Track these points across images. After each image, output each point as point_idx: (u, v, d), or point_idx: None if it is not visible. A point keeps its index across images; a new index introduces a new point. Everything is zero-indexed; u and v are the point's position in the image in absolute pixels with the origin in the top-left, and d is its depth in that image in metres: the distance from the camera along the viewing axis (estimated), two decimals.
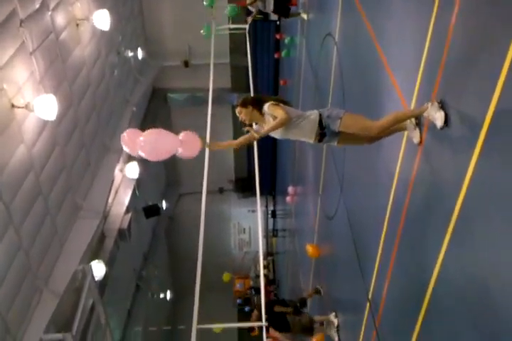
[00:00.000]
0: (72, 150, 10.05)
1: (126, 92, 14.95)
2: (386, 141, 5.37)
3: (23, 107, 7.58)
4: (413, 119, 4.50)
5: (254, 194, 10.64)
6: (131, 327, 15.75)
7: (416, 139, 4.54)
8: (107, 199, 11.72)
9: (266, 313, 8.17)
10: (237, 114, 4.63)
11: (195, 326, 6.47)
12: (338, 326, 8.35)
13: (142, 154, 4.24)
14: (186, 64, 19.57)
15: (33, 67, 8.25)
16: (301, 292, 12.73)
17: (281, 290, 21.41)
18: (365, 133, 4.40)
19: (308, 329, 9.12)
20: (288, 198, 16.95)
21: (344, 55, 8.38)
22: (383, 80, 5.76)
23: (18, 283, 7.69)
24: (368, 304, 6.39)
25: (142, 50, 16.94)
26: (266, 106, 4.42)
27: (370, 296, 6.33)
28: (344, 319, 8.37)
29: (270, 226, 24.38)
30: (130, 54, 15.35)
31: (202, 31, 14.47)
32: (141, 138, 4.24)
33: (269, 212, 24.10)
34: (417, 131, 4.50)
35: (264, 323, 6.81)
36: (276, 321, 8.78)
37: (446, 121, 3.86)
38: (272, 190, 24.38)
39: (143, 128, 13.93)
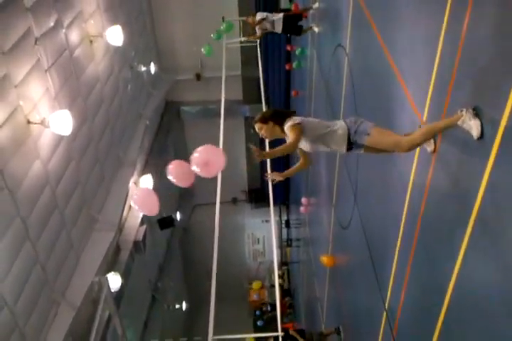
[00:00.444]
0: (86, 164, 10.20)
1: (140, 106, 15.15)
2: None
3: (38, 123, 7.75)
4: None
5: (268, 204, 10.69)
6: (147, 339, 15.79)
7: (430, 148, 4.48)
8: (122, 211, 11.85)
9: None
10: (258, 131, 4.49)
11: (211, 337, 6.51)
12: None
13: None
14: (198, 77, 19.77)
15: (48, 83, 8.44)
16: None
17: (297, 300, 21.34)
18: (393, 149, 4.25)
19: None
20: (302, 208, 16.97)
21: (355, 65, 8.45)
22: (395, 90, 5.81)
23: (35, 296, 7.80)
24: (384, 313, 6.38)
25: (155, 64, 17.17)
26: (286, 126, 4.30)
27: (386, 305, 6.33)
28: (361, 330, 8.34)
29: (284, 236, 24.34)
30: (143, 68, 15.57)
31: (202, 50, 14.67)
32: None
33: (283, 221, 24.08)
34: (431, 140, 4.38)
35: (280, 333, 6.82)
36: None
37: (482, 131, 3.55)
38: (285, 199, 24.40)
39: (155, 140, 13.93)
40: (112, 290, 10.35)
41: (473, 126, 3.56)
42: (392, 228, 5.91)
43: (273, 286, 22.86)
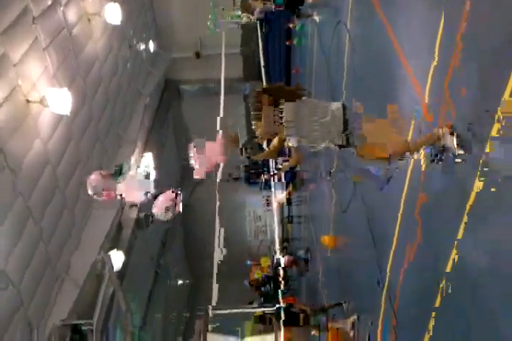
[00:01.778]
0: (87, 143, 10.22)
1: (139, 85, 15.08)
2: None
3: (37, 102, 7.74)
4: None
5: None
6: (151, 314, 16.04)
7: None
8: None
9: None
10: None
11: (211, 311, 6.64)
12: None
13: None
14: (198, 55, 19.58)
15: (47, 62, 8.40)
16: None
17: (297, 276, 21.53)
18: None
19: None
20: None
21: (357, 42, 8.37)
22: (396, 67, 5.78)
23: (39, 273, 7.92)
24: (384, 289, 6.47)
25: (154, 42, 17.01)
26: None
27: (386, 282, 6.43)
28: (362, 305, 8.45)
29: (285, 213, 24.40)
30: (142, 47, 15.45)
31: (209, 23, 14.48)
32: None
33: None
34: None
35: (282, 305, 6.93)
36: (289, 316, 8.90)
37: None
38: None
39: (155, 119, 13.88)
40: (115, 267, 10.47)
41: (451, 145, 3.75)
42: (393, 201, 5.94)
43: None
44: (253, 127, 4.54)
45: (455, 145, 3.75)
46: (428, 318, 4.76)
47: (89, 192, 4.93)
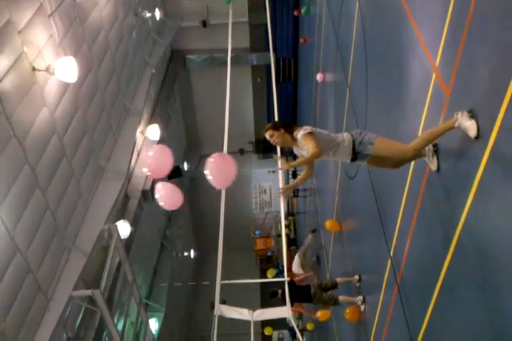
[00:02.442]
0: (93, 113, 10.14)
1: (145, 54, 14.87)
2: (412, 93, 5.34)
3: (44, 70, 7.64)
4: (431, 147, 4.59)
5: (275, 154, 10.66)
6: (157, 284, 16.24)
7: (434, 167, 4.66)
8: (130, 161, 11.89)
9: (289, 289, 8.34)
10: (269, 138, 4.69)
11: (218, 281, 6.67)
12: (364, 310, 8.39)
13: None
14: (204, 24, 19.27)
15: (52, 29, 8.25)
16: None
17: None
18: (400, 157, 4.45)
19: (331, 301, 9.26)
20: None
21: (366, 10, 8.19)
22: (408, 35, 5.65)
23: (46, 242, 7.96)
24: (389, 261, 6.49)
25: (159, 10, 16.71)
26: (299, 135, 4.50)
27: (391, 253, 6.43)
28: (366, 277, 8.51)
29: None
30: (148, 15, 15.16)
31: None
32: None
33: (290, 172, 24.13)
34: (435, 158, 4.61)
35: (286, 279, 6.97)
36: (299, 292, 8.94)
37: (479, 132, 3.75)
38: (292, 150, 24.34)
39: (162, 90, 13.74)
40: (122, 237, 10.55)
41: (470, 127, 3.79)
42: (400, 175, 5.91)
43: (279, 236, 23.29)
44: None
45: (475, 129, 3.77)
46: (432, 290, 4.77)
47: None
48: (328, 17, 12.37)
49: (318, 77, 13.53)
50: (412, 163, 5.42)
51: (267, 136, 4.68)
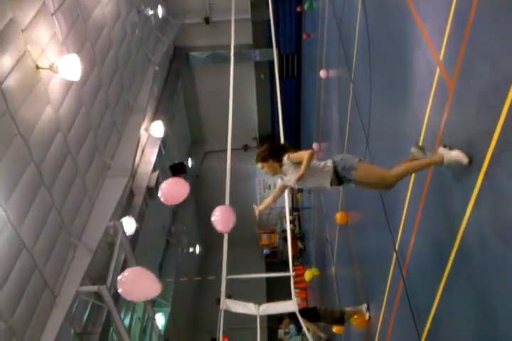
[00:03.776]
0: (97, 110, 10.18)
1: (148, 52, 14.90)
2: (416, 87, 5.34)
3: (47, 68, 7.68)
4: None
5: None
6: (163, 279, 16.31)
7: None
8: (134, 158, 11.94)
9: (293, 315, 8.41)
10: (260, 169, 4.82)
11: (224, 276, 6.70)
12: (369, 318, 8.41)
13: None
14: (207, 21, 19.27)
15: (55, 28, 8.29)
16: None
17: (307, 245, 21.76)
18: (381, 182, 4.50)
19: (339, 320, 9.25)
20: None
21: (370, 5, 8.17)
22: (412, 29, 5.64)
23: (52, 239, 8.02)
24: (394, 255, 6.50)
25: (162, 7, 16.72)
26: (285, 158, 4.58)
27: (397, 247, 6.44)
28: (371, 271, 8.53)
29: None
30: (150, 12, 15.18)
31: None
32: None
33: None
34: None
35: (291, 273, 6.99)
36: (306, 312, 8.96)
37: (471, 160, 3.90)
38: (296, 146, 24.35)
39: (165, 87, 13.72)
40: (127, 234, 10.60)
41: (459, 157, 3.95)
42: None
43: (284, 231, 23.32)
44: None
45: (463, 155, 3.97)
46: (438, 283, 4.78)
47: None
48: (331, 12, 12.36)
49: (322, 73, 13.52)
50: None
51: (259, 167, 4.83)
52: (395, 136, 6.63)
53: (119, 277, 5.74)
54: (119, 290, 5.62)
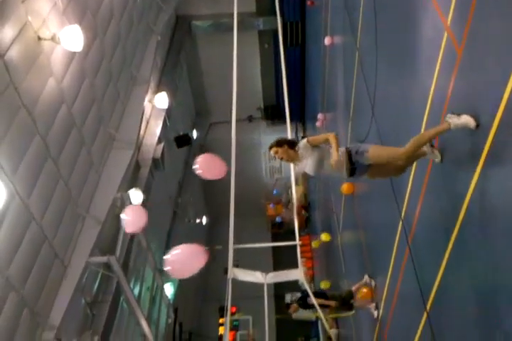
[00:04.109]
0: (100, 81, 10.10)
1: (150, 21, 14.67)
2: (423, 53, 5.26)
3: (49, 39, 7.58)
4: (427, 144, 4.71)
5: (284, 121, 10.58)
6: (171, 249, 16.49)
7: (437, 159, 4.81)
8: (139, 129, 11.91)
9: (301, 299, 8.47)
10: (274, 154, 4.88)
11: (231, 245, 6.76)
12: (375, 286, 8.45)
13: None
14: None
15: None
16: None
17: (313, 215, 21.89)
18: (395, 160, 4.60)
19: (348, 305, 9.29)
20: (318, 123, 16.87)
21: None
22: None
23: (60, 211, 8.08)
24: (400, 222, 6.53)
25: None
26: (304, 141, 4.72)
27: (402, 215, 6.46)
28: (377, 241, 8.58)
29: None
30: None
31: None
32: None
33: (299, 138, 24.09)
34: (436, 151, 4.80)
35: (298, 242, 7.04)
36: (316, 294, 9.03)
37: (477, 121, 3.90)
38: (301, 117, 24.23)
39: (168, 58, 13.48)
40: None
41: (468, 122, 3.95)
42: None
43: (290, 202, 23.45)
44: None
45: (472, 120, 3.97)
46: (443, 251, 4.81)
47: None
48: None
49: (327, 40, 13.31)
50: (423, 125, 5.38)
51: (272, 152, 4.90)
52: (401, 103, 6.57)
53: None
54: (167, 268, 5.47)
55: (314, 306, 9.10)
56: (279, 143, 4.85)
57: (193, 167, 6.59)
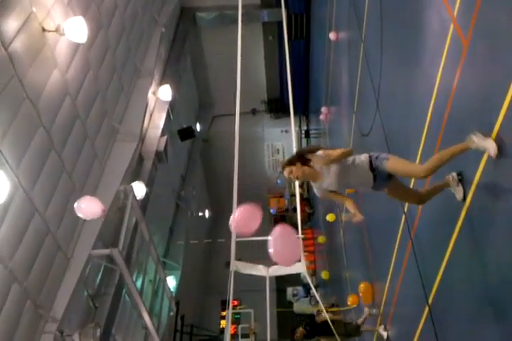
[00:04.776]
0: (104, 73, 10.07)
1: (154, 13, 14.61)
2: (429, 45, 5.22)
3: (53, 31, 7.55)
4: (455, 175, 4.49)
5: (287, 114, 10.55)
6: (173, 243, 16.55)
7: (459, 196, 4.51)
8: (143, 122, 11.89)
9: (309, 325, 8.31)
10: (288, 175, 4.45)
11: (233, 238, 6.77)
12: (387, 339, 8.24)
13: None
14: None
15: None
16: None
17: (316, 208, 21.89)
18: (411, 175, 4.46)
19: (353, 334, 9.07)
20: (321, 116, 16.83)
21: None
22: None
23: (64, 203, 8.07)
24: (403, 216, 6.51)
25: None
26: (318, 154, 4.28)
27: (405, 209, 6.44)
28: (379, 235, 8.57)
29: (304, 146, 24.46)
30: None
31: None
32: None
33: (303, 132, 24.04)
34: (460, 187, 4.48)
35: (300, 236, 7.04)
36: (320, 327, 8.85)
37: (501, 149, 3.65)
38: (305, 109, 24.16)
39: (172, 50, 13.40)
40: (138, 198, 10.68)
41: (490, 146, 3.69)
42: (414, 133, 5.85)
43: (293, 195, 23.42)
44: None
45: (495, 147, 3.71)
46: (446, 245, 4.79)
47: None
48: None
49: (332, 35, 13.25)
50: (428, 120, 5.35)
51: (286, 173, 4.43)
52: (406, 96, 6.53)
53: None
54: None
55: (320, 333, 8.98)
56: (291, 161, 4.38)
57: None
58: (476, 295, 4.34)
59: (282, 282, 18.77)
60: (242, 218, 5.32)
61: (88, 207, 7.35)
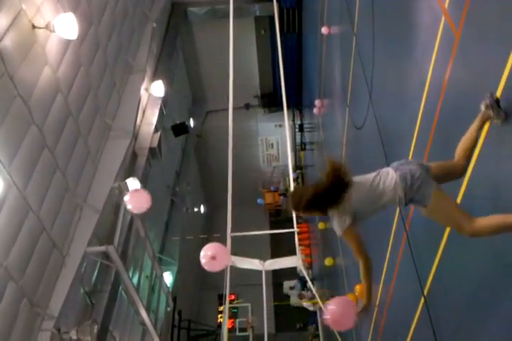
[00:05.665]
0: (96, 70, 10.03)
1: (145, 8, 14.53)
2: (420, 37, 5.20)
3: (43, 28, 7.51)
4: (489, 99, 3.37)
5: (281, 108, 10.54)
6: (169, 239, 16.54)
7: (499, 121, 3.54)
8: (136, 118, 11.85)
9: None
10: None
11: (229, 233, 6.77)
12: None
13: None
14: None
15: None
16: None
17: None
18: (452, 226, 3.54)
19: None
20: (315, 110, 16.81)
21: None
22: None
23: (58, 201, 8.07)
24: (397, 209, 6.52)
25: None
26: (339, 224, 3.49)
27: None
28: (374, 225, 8.58)
29: (298, 140, 24.47)
30: None
31: None
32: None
33: (297, 126, 24.05)
34: (502, 113, 3.42)
35: (296, 230, 7.06)
36: None
37: None
38: (298, 103, 24.15)
39: (164, 45, 13.32)
40: None
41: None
42: (408, 125, 5.86)
43: (287, 190, 23.46)
44: None
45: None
46: (441, 236, 4.81)
47: None
48: None
49: (324, 30, 13.23)
50: (420, 113, 5.36)
51: (301, 214, 3.92)
52: (398, 88, 6.53)
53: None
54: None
55: None
56: (307, 209, 3.53)
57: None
58: (471, 287, 4.36)
59: (279, 276, 18.83)
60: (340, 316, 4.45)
61: (138, 201, 7.99)
